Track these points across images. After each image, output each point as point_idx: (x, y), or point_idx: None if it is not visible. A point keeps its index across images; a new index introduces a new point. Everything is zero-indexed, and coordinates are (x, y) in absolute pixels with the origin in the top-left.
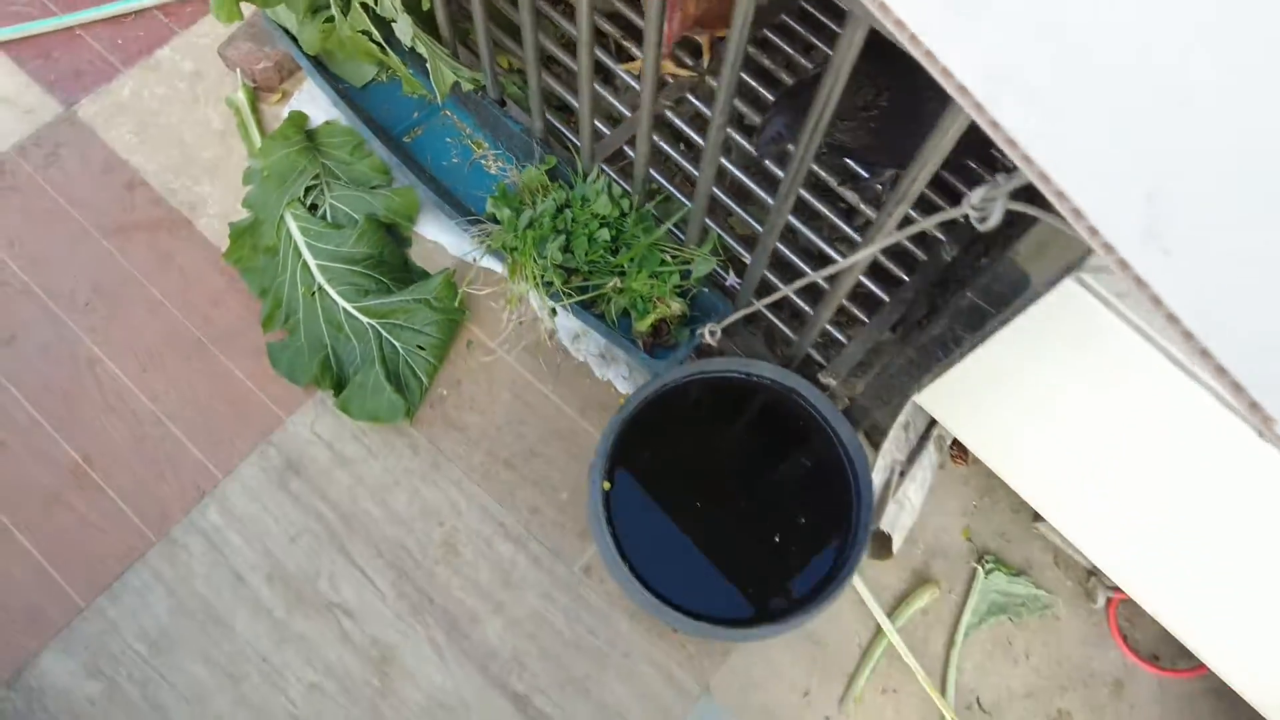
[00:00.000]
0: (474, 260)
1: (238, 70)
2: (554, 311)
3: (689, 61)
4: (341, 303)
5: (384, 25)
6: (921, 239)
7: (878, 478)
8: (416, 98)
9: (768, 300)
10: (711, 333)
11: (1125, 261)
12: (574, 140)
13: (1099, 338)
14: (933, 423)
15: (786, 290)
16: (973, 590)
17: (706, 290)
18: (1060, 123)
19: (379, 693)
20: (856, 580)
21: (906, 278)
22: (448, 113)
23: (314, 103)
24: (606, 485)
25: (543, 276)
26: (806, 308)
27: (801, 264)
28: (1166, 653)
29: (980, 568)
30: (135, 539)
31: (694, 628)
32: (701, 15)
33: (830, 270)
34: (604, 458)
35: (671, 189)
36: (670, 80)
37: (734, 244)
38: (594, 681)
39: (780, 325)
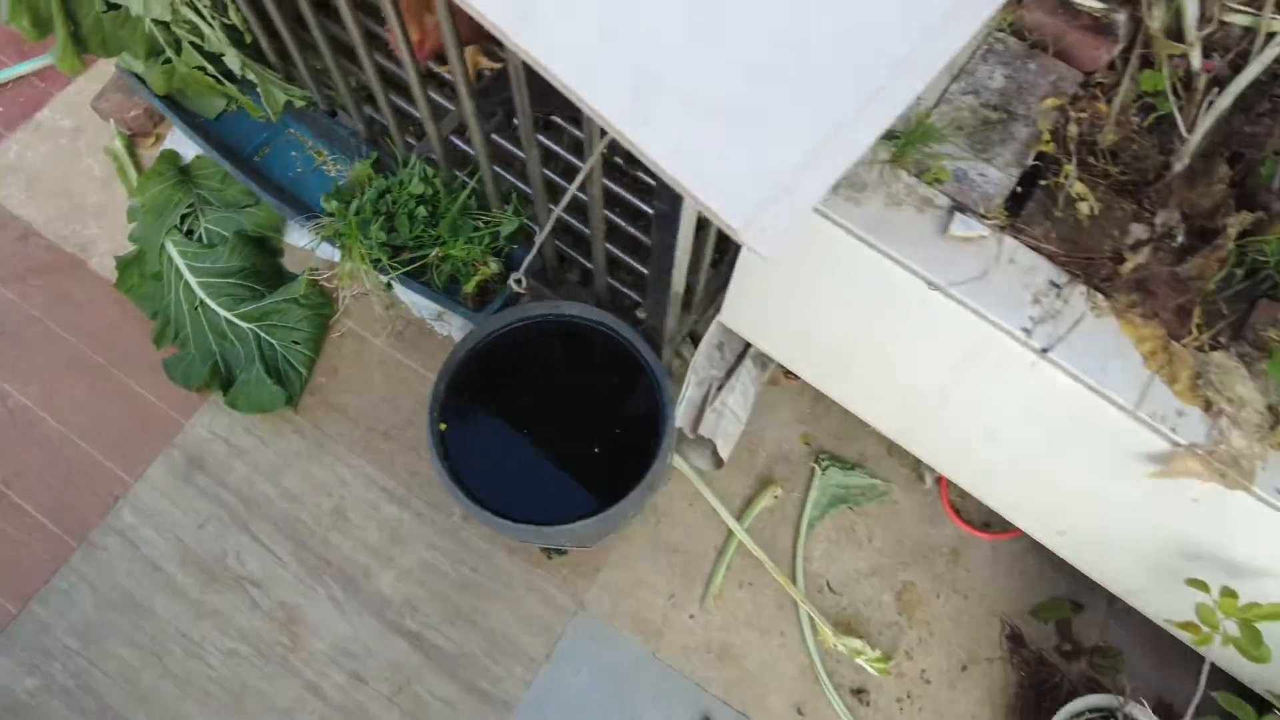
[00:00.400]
0: (312, 250)
1: (111, 121)
2: (388, 286)
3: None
4: (222, 313)
5: (219, 60)
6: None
7: (694, 392)
8: (262, 120)
9: (541, 237)
10: (518, 281)
11: (623, 134)
12: (393, 133)
13: (828, 247)
14: (749, 344)
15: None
16: (812, 487)
17: (518, 248)
18: (566, 27)
19: (289, 649)
20: (705, 491)
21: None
22: (292, 131)
23: (185, 141)
24: (443, 426)
25: (370, 255)
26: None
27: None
28: (996, 520)
29: (817, 466)
30: (58, 547)
31: (532, 534)
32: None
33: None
34: (435, 402)
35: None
36: (488, 72)
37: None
38: (480, 612)
39: (585, 264)
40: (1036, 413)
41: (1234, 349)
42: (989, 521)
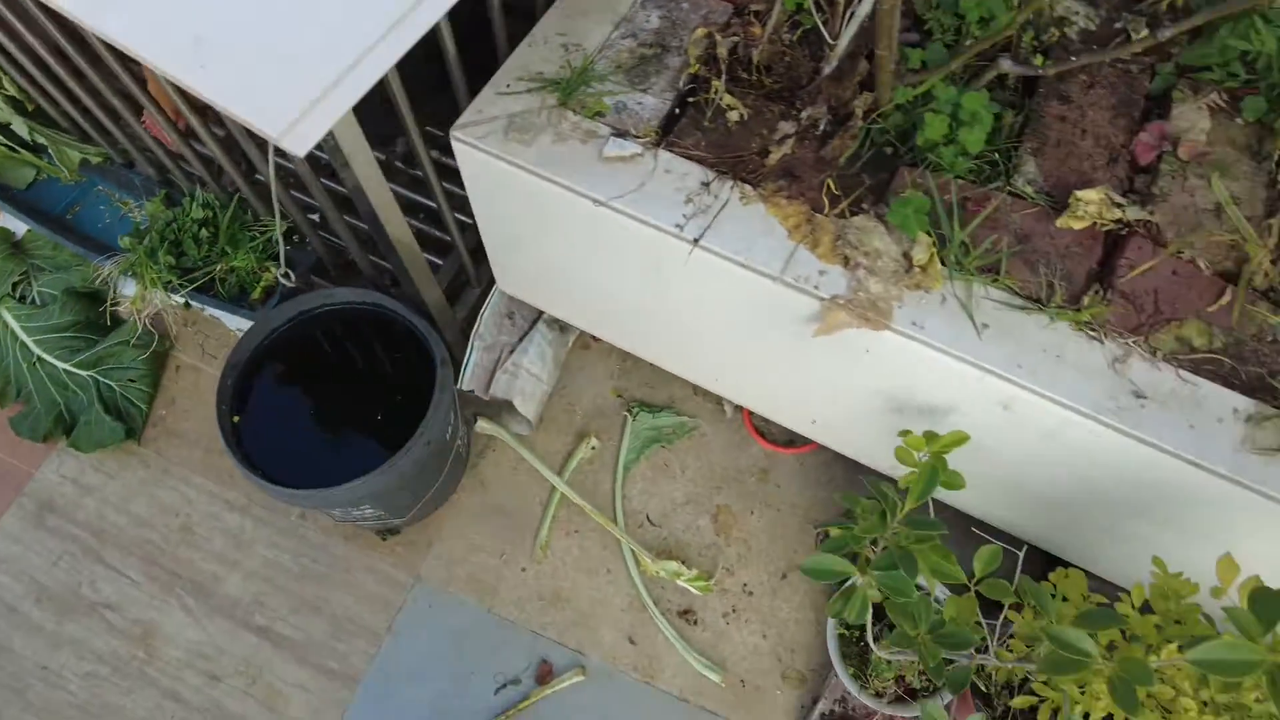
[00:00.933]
0: (106, 284)
1: None
2: (186, 304)
3: None
4: (60, 365)
5: (8, 130)
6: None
7: (483, 356)
8: (70, 182)
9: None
10: (286, 276)
11: (185, 82)
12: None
13: (515, 187)
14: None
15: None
16: (625, 433)
17: (293, 249)
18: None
19: (145, 662)
20: (525, 453)
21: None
22: (100, 187)
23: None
24: (236, 419)
25: (161, 279)
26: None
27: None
28: (799, 436)
29: (629, 414)
30: None
31: (320, 498)
32: None
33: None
34: (224, 397)
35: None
36: None
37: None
38: (323, 600)
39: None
40: (722, 302)
41: (874, 212)
42: (792, 439)
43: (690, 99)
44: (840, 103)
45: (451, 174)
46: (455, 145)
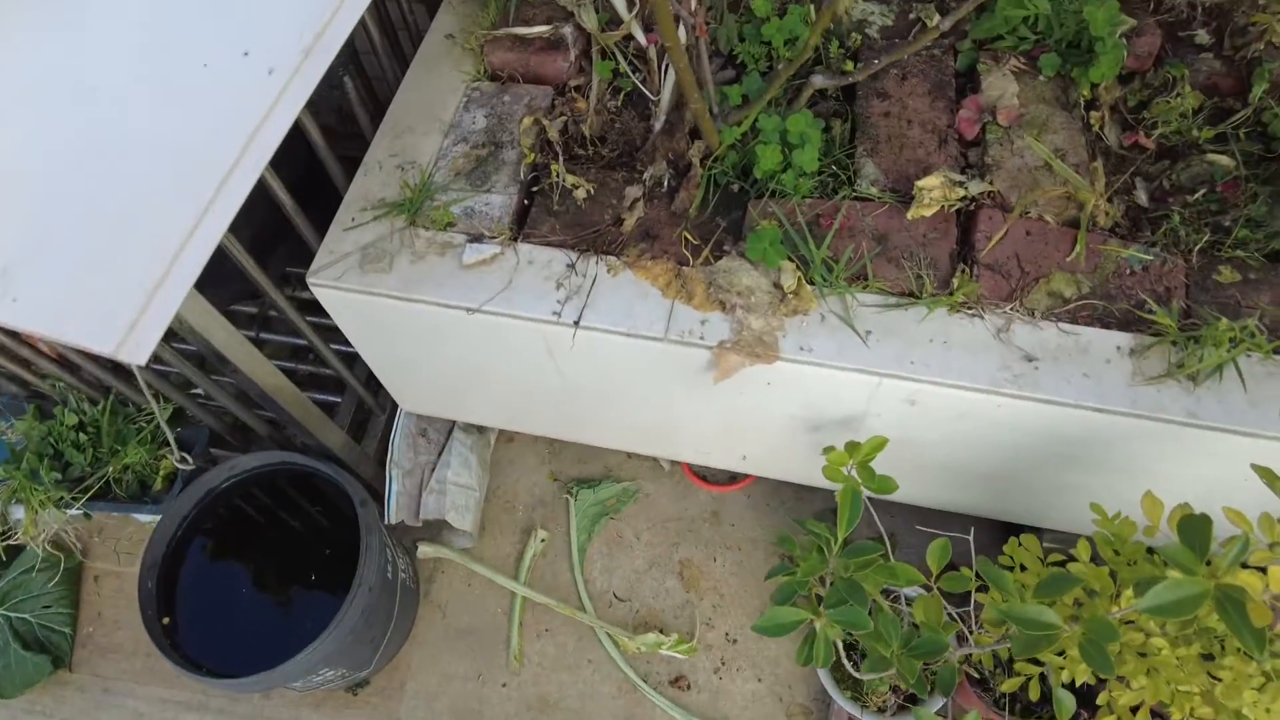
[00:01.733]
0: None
1: None
2: (87, 515)
3: None
4: None
5: None
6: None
7: (405, 484)
8: None
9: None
10: (182, 460)
11: None
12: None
13: (389, 317)
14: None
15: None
16: (570, 516)
17: (180, 430)
18: None
19: None
20: (475, 566)
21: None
22: None
23: None
24: (166, 620)
25: (51, 497)
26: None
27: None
28: (740, 472)
29: (570, 495)
30: None
31: (272, 679)
32: None
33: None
34: (148, 601)
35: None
36: None
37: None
38: None
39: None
40: (621, 370)
41: (737, 251)
42: (734, 475)
43: (535, 188)
44: (678, 155)
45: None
46: (314, 290)
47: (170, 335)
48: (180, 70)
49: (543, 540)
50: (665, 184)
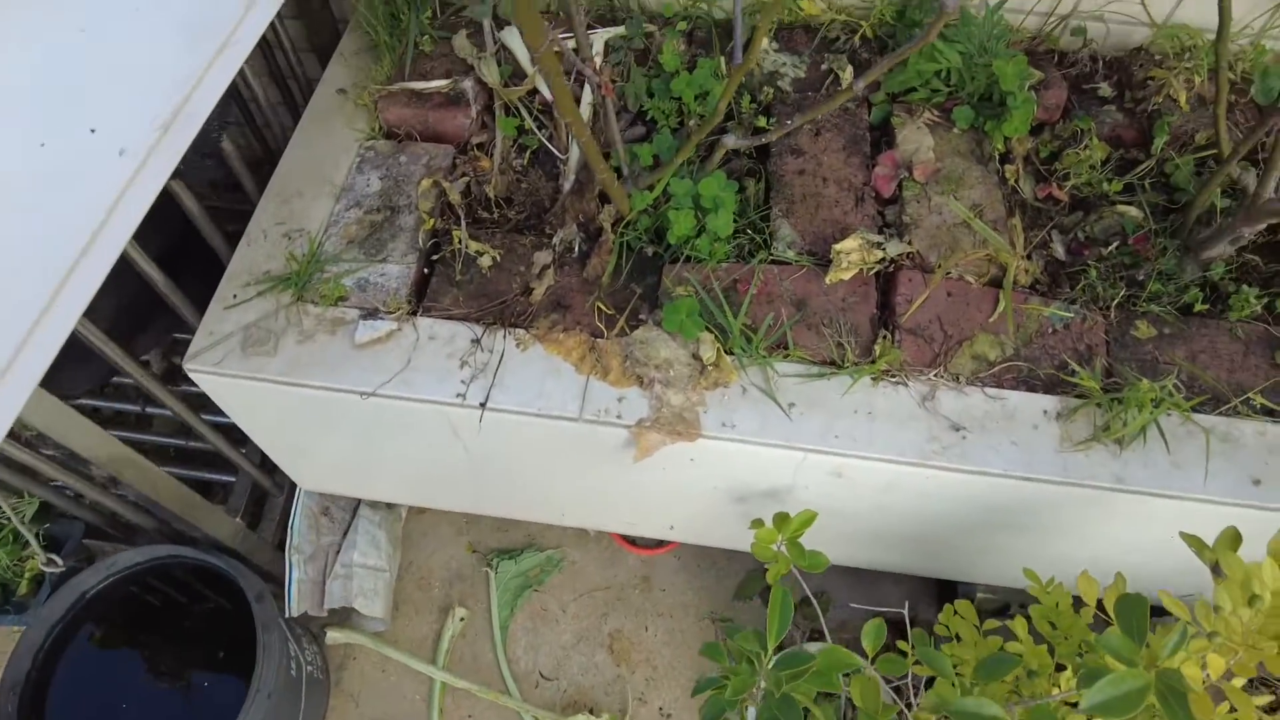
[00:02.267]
0: None
1: None
2: None
3: None
4: None
5: None
6: None
7: (307, 570)
8: None
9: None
10: (50, 561)
11: None
12: None
13: (279, 400)
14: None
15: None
16: (491, 589)
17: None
18: None
19: None
20: (389, 650)
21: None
22: None
23: None
24: None
25: None
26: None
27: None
28: None
29: (490, 568)
30: None
31: None
32: None
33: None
34: None
35: None
36: None
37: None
38: None
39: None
40: (533, 450)
41: (653, 320)
42: (661, 540)
43: (436, 256)
44: (589, 217)
45: None
46: (192, 376)
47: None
48: (10, 151)
49: (462, 619)
50: (576, 249)
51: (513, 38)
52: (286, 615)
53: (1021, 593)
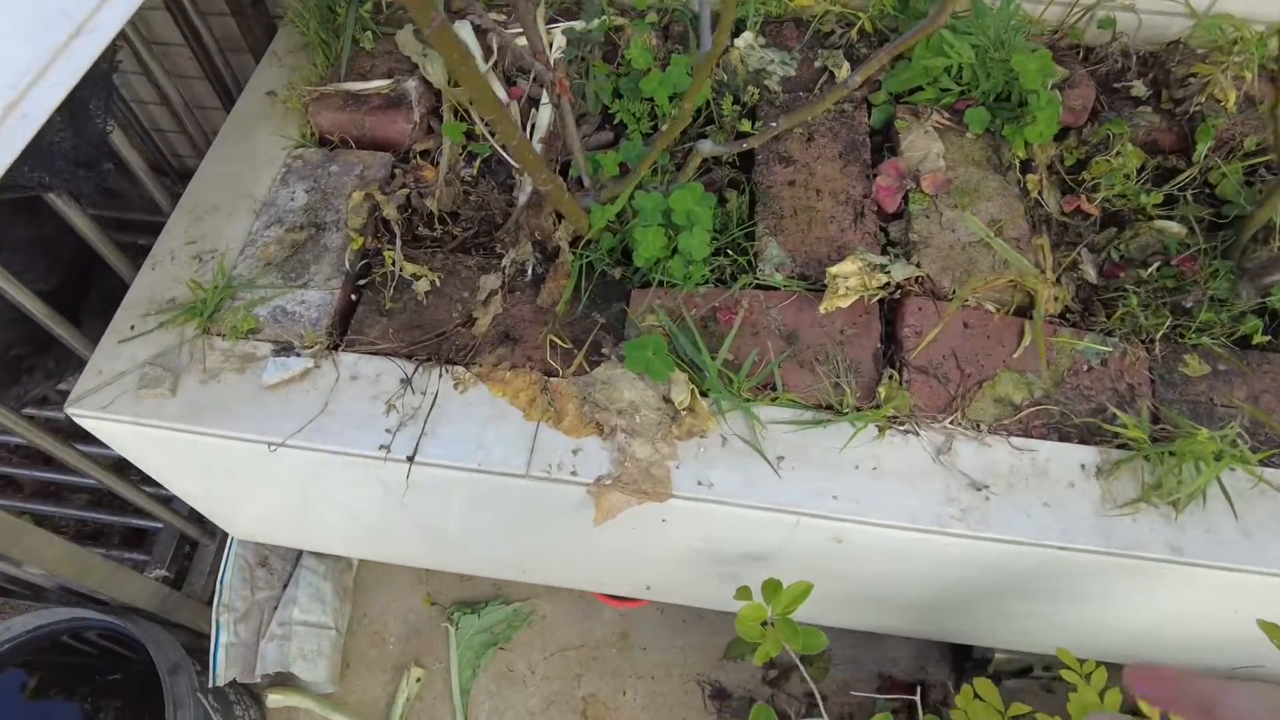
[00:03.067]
0: None
1: None
2: None
3: None
4: None
5: None
6: None
7: (237, 633)
8: None
9: None
10: None
11: None
12: None
13: (180, 447)
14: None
15: None
16: (451, 647)
17: None
18: None
19: None
20: (339, 716)
21: None
22: None
23: None
24: None
25: None
26: None
27: None
28: None
29: (450, 623)
30: None
31: None
32: None
33: None
34: None
35: None
36: None
37: None
38: None
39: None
40: (477, 508)
41: (617, 355)
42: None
43: (364, 280)
44: (545, 235)
45: None
46: (78, 422)
47: None
48: None
49: (419, 679)
50: (530, 271)
51: (464, 30)
52: (212, 685)
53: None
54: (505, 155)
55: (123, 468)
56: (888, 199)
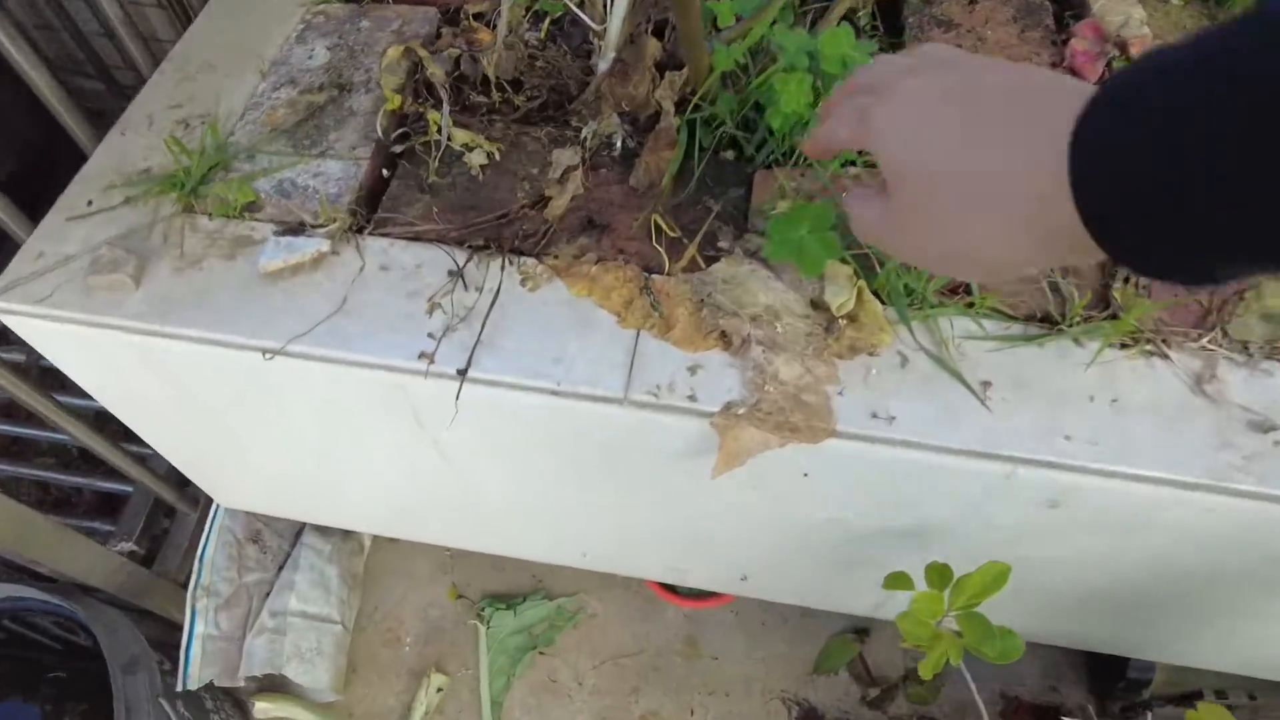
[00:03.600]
0: None
1: None
2: None
3: None
4: None
5: None
6: None
7: (218, 624)
8: None
9: None
10: None
11: None
12: None
13: (140, 359)
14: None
15: None
16: (481, 650)
17: None
18: None
19: None
20: None
21: None
22: None
23: None
24: None
25: None
26: None
27: None
28: None
29: (480, 621)
30: None
31: None
32: None
33: None
34: None
35: None
36: None
37: None
38: None
39: None
40: (542, 452)
41: (742, 249)
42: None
43: (400, 149)
44: (636, 104)
45: None
46: (4, 320)
47: None
48: None
49: (440, 689)
50: (619, 145)
51: None
52: (181, 687)
53: (1216, 673)
54: (583, 17)
55: (101, 420)
56: (1087, 66)
